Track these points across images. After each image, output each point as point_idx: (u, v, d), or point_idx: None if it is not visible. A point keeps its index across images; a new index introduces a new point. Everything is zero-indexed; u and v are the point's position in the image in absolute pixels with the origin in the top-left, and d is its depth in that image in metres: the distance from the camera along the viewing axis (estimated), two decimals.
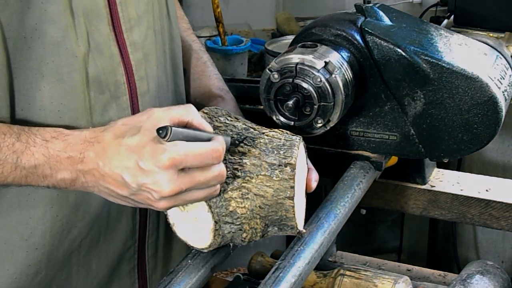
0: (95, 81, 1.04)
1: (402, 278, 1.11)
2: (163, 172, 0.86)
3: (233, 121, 0.97)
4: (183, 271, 0.93)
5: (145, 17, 1.11)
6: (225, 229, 0.90)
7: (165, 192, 0.87)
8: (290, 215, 0.92)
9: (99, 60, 1.04)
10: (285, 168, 0.91)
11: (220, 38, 2.15)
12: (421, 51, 1.06)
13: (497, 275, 1.16)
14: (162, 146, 0.86)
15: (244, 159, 0.92)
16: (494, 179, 1.27)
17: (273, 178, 0.91)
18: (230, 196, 0.90)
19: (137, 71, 1.10)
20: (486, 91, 1.04)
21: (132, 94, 1.09)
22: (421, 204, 1.26)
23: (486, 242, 2.45)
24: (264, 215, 0.92)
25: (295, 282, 0.88)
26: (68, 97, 1.01)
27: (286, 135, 0.95)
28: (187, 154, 0.87)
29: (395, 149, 1.14)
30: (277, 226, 0.93)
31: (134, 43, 1.09)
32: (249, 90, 1.29)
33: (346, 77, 1.05)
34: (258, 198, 0.91)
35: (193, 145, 0.87)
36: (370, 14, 1.12)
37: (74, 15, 1.00)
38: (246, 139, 0.94)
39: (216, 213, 0.89)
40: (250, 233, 0.92)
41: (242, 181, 0.91)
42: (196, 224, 0.91)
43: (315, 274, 1.17)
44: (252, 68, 2.32)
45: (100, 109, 1.06)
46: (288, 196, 0.91)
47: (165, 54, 1.18)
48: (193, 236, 0.92)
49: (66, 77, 1.00)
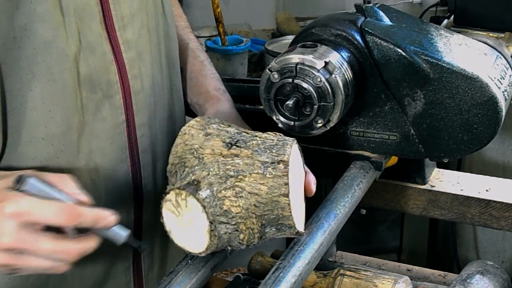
0: (87, 80, 1.03)
1: (402, 278, 1.11)
2: (4, 220, 0.82)
3: (226, 127, 0.97)
4: (183, 271, 0.93)
5: (139, 15, 1.11)
6: (220, 229, 0.90)
7: (1, 244, 0.83)
8: (287, 213, 0.91)
9: (91, 59, 1.03)
10: (278, 165, 0.91)
11: (220, 38, 2.14)
12: (421, 51, 1.06)
13: (497, 275, 1.16)
14: (10, 193, 0.83)
15: (236, 159, 0.92)
16: (494, 179, 1.27)
17: (266, 175, 0.91)
18: (223, 195, 0.90)
19: (131, 69, 1.09)
20: (486, 91, 1.04)
21: (125, 93, 1.09)
22: (421, 204, 1.26)
23: (486, 242, 2.45)
24: (260, 214, 0.91)
25: (295, 282, 0.89)
26: (59, 96, 1.01)
27: (279, 137, 0.95)
28: (33, 208, 0.83)
29: (395, 149, 1.14)
30: (275, 226, 0.93)
31: (128, 41, 1.08)
32: (249, 90, 1.29)
33: (346, 77, 1.05)
34: (252, 196, 0.91)
35: (43, 202, 0.84)
36: (370, 14, 1.12)
37: (64, 14, 0.99)
38: (239, 141, 0.94)
39: (211, 213, 0.89)
40: (247, 234, 0.91)
41: (235, 180, 0.91)
42: (192, 227, 0.90)
43: (315, 274, 1.17)
44: (252, 68, 2.32)
45: (93, 109, 1.05)
46: (283, 193, 0.91)
47: (160, 52, 1.17)
48: (190, 241, 0.92)
49: (57, 76, 1.00)
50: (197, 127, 0.97)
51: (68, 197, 0.88)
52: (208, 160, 0.92)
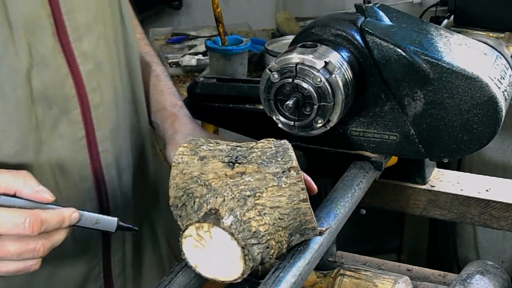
0: (42, 96, 0.99)
1: (402, 278, 1.11)
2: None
3: (217, 146, 0.94)
4: (182, 271, 0.92)
5: (96, 25, 1.06)
6: (253, 252, 0.87)
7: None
8: (309, 217, 0.90)
9: (44, 73, 0.99)
10: (290, 173, 0.90)
11: (220, 38, 2.14)
12: (421, 51, 1.06)
13: (497, 275, 1.16)
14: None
15: (245, 177, 0.90)
16: (494, 179, 1.27)
17: (282, 186, 0.89)
18: (248, 217, 0.87)
19: (88, 82, 1.05)
20: (486, 91, 1.04)
21: (84, 107, 1.05)
22: (421, 204, 1.26)
23: (486, 242, 2.45)
24: (285, 225, 0.90)
25: (295, 282, 0.88)
26: (13, 115, 0.97)
27: (274, 142, 0.93)
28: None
29: (395, 149, 1.14)
30: (299, 232, 0.92)
31: (84, 53, 1.04)
32: (249, 90, 1.29)
33: (346, 77, 1.05)
34: (275, 210, 0.89)
35: (2, 213, 0.84)
36: (370, 14, 1.12)
37: (12, 28, 0.95)
38: (238, 158, 0.92)
39: (241, 238, 0.86)
40: (277, 248, 0.90)
41: (254, 200, 0.88)
42: (222, 257, 0.87)
43: (315, 274, 1.17)
44: (252, 68, 2.32)
45: (50, 125, 1.01)
46: (302, 199, 0.89)
47: (120, 63, 1.13)
48: (221, 270, 0.88)
49: (9, 95, 0.96)
50: (188, 153, 0.93)
51: (28, 202, 0.87)
52: (216, 185, 0.90)
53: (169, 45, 2.74)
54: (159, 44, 2.76)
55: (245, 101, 1.31)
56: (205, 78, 1.35)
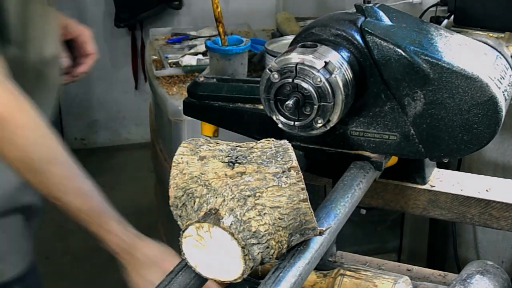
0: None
1: (402, 278, 1.11)
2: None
3: (217, 146, 0.94)
4: (182, 271, 0.92)
5: None
6: (253, 252, 0.87)
7: None
8: (309, 217, 0.90)
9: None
10: (289, 173, 0.89)
11: (220, 38, 2.14)
12: (421, 51, 1.06)
13: (497, 275, 1.16)
14: None
15: (245, 177, 0.90)
16: (494, 179, 1.27)
17: (282, 186, 0.89)
18: (248, 217, 0.87)
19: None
20: (486, 91, 1.04)
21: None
22: (421, 204, 1.26)
23: (486, 242, 2.45)
24: (285, 225, 0.90)
25: (295, 282, 0.88)
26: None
27: (274, 142, 0.93)
28: None
29: (395, 149, 1.14)
30: (299, 232, 0.92)
31: None
32: (249, 90, 1.29)
33: (346, 77, 1.05)
34: (275, 210, 0.89)
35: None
36: (370, 14, 1.12)
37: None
38: (238, 157, 0.92)
39: (241, 238, 0.86)
40: (277, 248, 0.90)
41: (254, 200, 0.88)
42: (221, 257, 0.87)
43: (315, 274, 1.17)
44: (252, 68, 2.32)
45: None
46: (302, 199, 0.89)
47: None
48: (221, 270, 0.89)
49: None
50: (188, 153, 0.93)
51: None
52: (216, 185, 0.90)
53: (169, 45, 2.74)
54: (159, 44, 2.76)
55: (245, 101, 1.31)
56: (205, 78, 1.36)
